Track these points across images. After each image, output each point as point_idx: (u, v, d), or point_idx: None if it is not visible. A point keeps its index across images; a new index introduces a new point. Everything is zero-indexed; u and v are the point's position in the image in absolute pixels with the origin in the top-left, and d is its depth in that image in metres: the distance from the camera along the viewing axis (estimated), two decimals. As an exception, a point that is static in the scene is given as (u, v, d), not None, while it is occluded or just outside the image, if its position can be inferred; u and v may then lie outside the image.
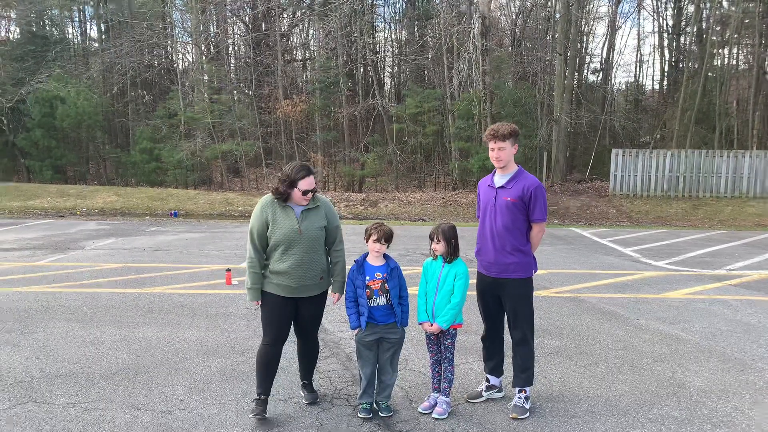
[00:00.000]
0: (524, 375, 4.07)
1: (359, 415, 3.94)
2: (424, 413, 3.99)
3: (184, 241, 11.96)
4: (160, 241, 12.07)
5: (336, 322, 6.09)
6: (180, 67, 31.41)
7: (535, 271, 4.12)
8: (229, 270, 7.99)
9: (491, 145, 3.96)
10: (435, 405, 4.04)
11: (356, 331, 3.95)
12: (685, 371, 4.84)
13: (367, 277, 3.87)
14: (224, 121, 25.32)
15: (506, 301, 4.07)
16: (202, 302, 6.94)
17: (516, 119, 22.59)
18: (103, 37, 32.24)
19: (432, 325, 3.96)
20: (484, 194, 4.15)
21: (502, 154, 3.94)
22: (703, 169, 21.01)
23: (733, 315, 6.60)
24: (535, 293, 4.22)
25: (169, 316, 6.33)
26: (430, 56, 27.73)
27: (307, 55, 33.40)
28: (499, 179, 4.04)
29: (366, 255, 3.94)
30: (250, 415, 3.83)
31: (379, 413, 3.96)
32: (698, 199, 20.71)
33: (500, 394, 4.30)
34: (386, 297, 3.88)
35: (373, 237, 3.88)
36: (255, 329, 5.79)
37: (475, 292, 4.26)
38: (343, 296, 4.03)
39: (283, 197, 3.84)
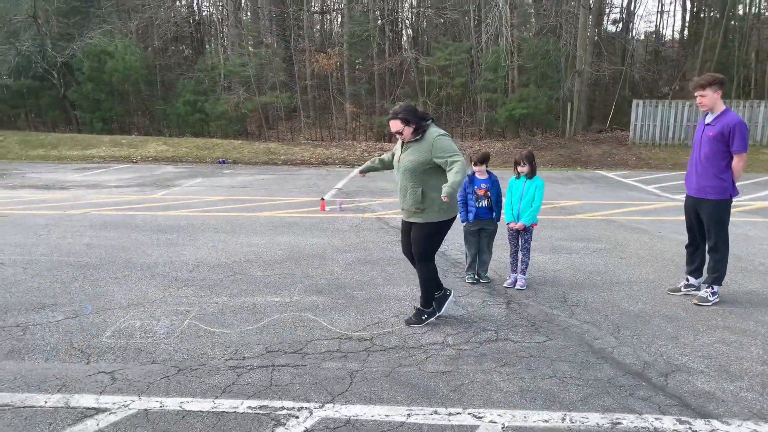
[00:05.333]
0: (712, 276, 5.09)
1: (466, 281, 5.74)
2: (508, 288, 5.73)
3: (261, 181, 13.76)
4: (241, 180, 13.88)
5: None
6: (215, 21, 32.57)
7: (733, 196, 4.96)
8: (323, 199, 9.78)
9: (696, 93, 4.87)
10: (516, 281, 5.78)
11: (465, 223, 5.69)
12: (695, 262, 6.55)
13: (476, 187, 5.59)
14: (263, 74, 26.73)
15: (703, 217, 5.07)
16: (311, 222, 8.74)
17: (542, 71, 23.80)
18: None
19: (517, 223, 5.66)
20: (697, 130, 5.11)
21: (704, 100, 4.84)
22: (720, 119, 22.21)
23: (735, 230, 8.25)
24: (570, 217, 5.85)
25: (292, 230, 8.15)
26: (452, 9, 28.68)
27: (334, 7, 34.32)
28: (708, 118, 4.94)
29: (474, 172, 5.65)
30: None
31: (480, 281, 5.76)
32: (714, 147, 21.97)
33: (698, 292, 5.33)
34: (487, 201, 5.61)
35: (473, 161, 5.58)
36: (364, 237, 7.61)
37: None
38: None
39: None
